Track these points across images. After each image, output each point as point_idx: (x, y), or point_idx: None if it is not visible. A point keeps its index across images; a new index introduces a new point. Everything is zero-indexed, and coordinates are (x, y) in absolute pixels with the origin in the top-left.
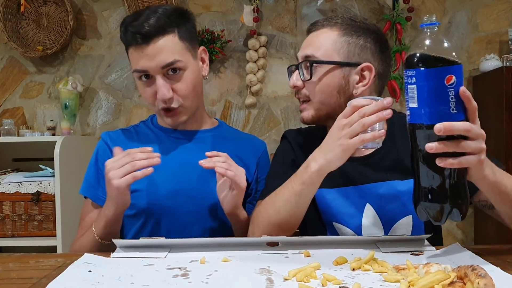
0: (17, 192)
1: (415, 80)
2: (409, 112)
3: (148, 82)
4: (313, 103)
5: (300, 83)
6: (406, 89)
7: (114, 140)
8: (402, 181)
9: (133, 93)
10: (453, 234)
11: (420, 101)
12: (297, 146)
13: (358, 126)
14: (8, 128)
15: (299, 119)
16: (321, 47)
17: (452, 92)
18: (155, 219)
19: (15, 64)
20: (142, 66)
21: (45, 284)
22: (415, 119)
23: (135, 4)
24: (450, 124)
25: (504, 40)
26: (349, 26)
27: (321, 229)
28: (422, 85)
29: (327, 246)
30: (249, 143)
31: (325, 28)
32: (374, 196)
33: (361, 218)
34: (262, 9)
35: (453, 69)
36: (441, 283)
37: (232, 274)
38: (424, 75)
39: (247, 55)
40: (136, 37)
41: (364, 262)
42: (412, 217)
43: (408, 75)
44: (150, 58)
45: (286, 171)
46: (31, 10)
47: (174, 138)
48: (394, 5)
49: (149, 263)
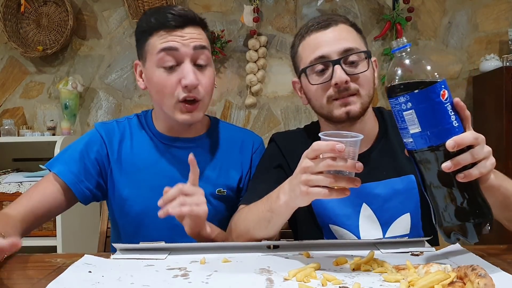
0: (17, 192)
1: (411, 105)
2: (412, 139)
3: (171, 70)
4: (361, 96)
5: (348, 78)
6: (401, 116)
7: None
8: (399, 178)
9: (133, 93)
10: None
11: (422, 124)
12: (286, 149)
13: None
14: (8, 128)
15: (299, 119)
16: (355, 40)
17: (449, 106)
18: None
19: (15, 64)
20: (173, 44)
21: (45, 284)
22: (422, 144)
23: (135, 4)
24: (461, 137)
25: (504, 40)
26: (350, 22)
27: (317, 232)
28: (421, 107)
29: (328, 249)
30: (243, 140)
31: (341, 24)
32: (371, 196)
33: (358, 219)
34: (262, 9)
35: (443, 84)
36: (441, 283)
37: (232, 274)
38: (422, 97)
39: (247, 55)
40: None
41: (364, 262)
42: (410, 215)
43: (401, 102)
44: (183, 39)
45: (270, 176)
46: (31, 10)
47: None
48: (394, 5)
49: (149, 264)
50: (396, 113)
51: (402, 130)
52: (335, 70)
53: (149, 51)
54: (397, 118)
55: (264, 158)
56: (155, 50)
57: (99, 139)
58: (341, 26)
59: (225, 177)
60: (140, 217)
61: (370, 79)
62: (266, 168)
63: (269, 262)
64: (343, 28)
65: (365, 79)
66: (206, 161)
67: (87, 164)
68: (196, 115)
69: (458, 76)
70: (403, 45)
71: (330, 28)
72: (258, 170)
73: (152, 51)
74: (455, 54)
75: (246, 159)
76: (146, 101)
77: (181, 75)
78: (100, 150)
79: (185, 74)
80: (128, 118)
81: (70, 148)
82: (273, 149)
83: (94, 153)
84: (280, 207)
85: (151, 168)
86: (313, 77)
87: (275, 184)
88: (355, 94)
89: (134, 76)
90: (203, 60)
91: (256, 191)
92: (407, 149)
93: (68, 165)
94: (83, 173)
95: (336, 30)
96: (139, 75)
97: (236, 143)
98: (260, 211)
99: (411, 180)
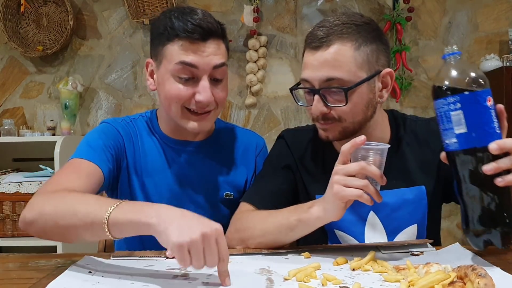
0: (17, 192)
1: (460, 106)
2: (456, 139)
3: (187, 82)
4: (341, 123)
5: (326, 109)
6: (447, 117)
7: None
8: (409, 188)
9: (133, 93)
10: (453, 234)
11: (469, 125)
12: (296, 149)
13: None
14: (8, 128)
15: (299, 119)
16: (344, 66)
17: (493, 112)
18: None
19: (15, 64)
20: (193, 60)
21: (45, 284)
22: (465, 145)
23: (135, 4)
24: (503, 142)
25: (504, 40)
26: (357, 33)
27: (321, 236)
28: (470, 109)
29: (328, 251)
30: (246, 143)
31: (336, 44)
32: (379, 204)
33: (364, 226)
34: (262, 9)
35: (489, 91)
36: (441, 283)
37: (232, 274)
38: (471, 99)
39: (247, 55)
40: (192, 31)
41: (364, 262)
42: (417, 226)
43: (450, 102)
44: (204, 56)
45: (278, 176)
46: (31, 10)
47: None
48: (394, 5)
49: (149, 264)
50: (443, 113)
51: (446, 131)
52: (314, 99)
53: (165, 57)
54: (443, 118)
55: (272, 155)
56: (173, 59)
57: (115, 130)
58: (335, 47)
59: (232, 180)
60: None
61: (357, 107)
62: (274, 168)
63: (269, 262)
64: (336, 50)
65: (347, 108)
66: (212, 165)
67: (108, 146)
68: (204, 124)
69: None
70: (454, 52)
71: (320, 50)
72: (265, 168)
73: (169, 59)
74: None
75: (250, 162)
76: (146, 101)
77: (196, 90)
78: (119, 138)
79: (201, 90)
80: (133, 118)
81: (85, 139)
82: (282, 147)
83: (112, 140)
84: (310, 218)
85: (160, 174)
86: (299, 97)
87: (281, 185)
88: (333, 122)
89: (134, 76)
90: (219, 75)
91: (261, 191)
92: (448, 150)
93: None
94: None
95: (326, 53)
96: (150, 75)
97: (240, 145)
98: (284, 218)
99: (421, 191)
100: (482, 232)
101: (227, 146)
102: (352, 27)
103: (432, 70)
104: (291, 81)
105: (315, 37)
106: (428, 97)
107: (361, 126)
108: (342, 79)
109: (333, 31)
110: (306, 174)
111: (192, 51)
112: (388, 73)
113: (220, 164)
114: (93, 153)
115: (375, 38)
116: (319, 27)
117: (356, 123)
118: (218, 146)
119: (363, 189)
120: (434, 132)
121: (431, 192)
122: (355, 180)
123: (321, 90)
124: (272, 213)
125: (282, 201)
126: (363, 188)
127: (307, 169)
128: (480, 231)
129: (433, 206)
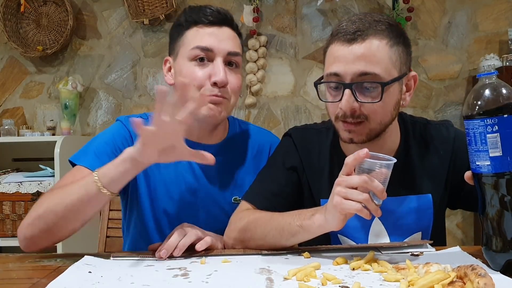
0: (17, 192)
1: (497, 128)
2: (490, 162)
3: (203, 64)
4: (369, 124)
5: (357, 105)
6: (482, 138)
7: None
8: (416, 196)
9: (133, 93)
10: (453, 234)
11: (505, 149)
12: (303, 149)
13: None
14: (8, 128)
15: (299, 119)
16: (380, 62)
17: None
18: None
19: (15, 64)
20: (208, 44)
21: (45, 284)
22: (500, 168)
23: (135, 4)
24: None
25: (504, 40)
26: (391, 31)
27: (325, 241)
28: (506, 132)
29: (328, 251)
30: (260, 144)
31: (373, 39)
32: (384, 211)
33: (368, 233)
34: (262, 9)
35: None
36: (441, 283)
37: (232, 274)
38: (509, 122)
39: (247, 55)
40: (208, 14)
41: (364, 262)
42: (421, 234)
43: (488, 124)
44: (219, 40)
45: (282, 176)
46: (31, 10)
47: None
48: (394, 5)
49: (149, 264)
50: (477, 134)
51: (479, 153)
52: (344, 94)
53: (183, 45)
54: (476, 140)
55: (278, 153)
56: (189, 45)
57: (127, 133)
58: (370, 41)
59: (241, 184)
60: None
61: (387, 106)
62: (279, 167)
63: (269, 262)
64: (371, 45)
65: (379, 107)
66: (224, 168)
67: (115, 150)
68: (219, 112)
69: (458, 76)
70: (491, 71)
71: (355, 44)
72: (270, 166)
73: (186, 46)
74: (455, 54)
75: (262, 163)
76: (146, 101)
77: (211, 71)
78: (129, 142)
79: (216, 71)
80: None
81: (95, 141)
82: (289, 146)
83: (120, 144)
84: (312, 225)
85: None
86: (325, 92)
87: (284, 187)
88: (362, 122)
89: (134, 76)
90: (234, 62)
91: (263, 191)
92: (478, 172)
93: (99, 157)
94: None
95: (360, 47)
96: (168, 71)
97: (253, 147)
98: (287, 223)
99: (427, 200)
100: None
101: (240, 149)
102: (386, 25)
103: (431, 70)
104: (291, 81)
105: (348, 30)
106: (428, 97)
107: (385, 128)
108: (378, 75)
109: (368, 25)
110: (311, 177)
111: (208, 35)
112: (413, 77)
113: (231, 168)
114: (97, 162)
115: (404, 40)
116: (350, 22)
117: (383, 125)
118: (231, 149)
119: (363, 202)
120: (444, 139)
121: (437, 201)
122: (356, 194)
123: (353, 85)
124: (274, 216)
125: (283, 203)
126: (363, 202)
127: (313, 172)
128: (502, 253)
129: (439, 214)
